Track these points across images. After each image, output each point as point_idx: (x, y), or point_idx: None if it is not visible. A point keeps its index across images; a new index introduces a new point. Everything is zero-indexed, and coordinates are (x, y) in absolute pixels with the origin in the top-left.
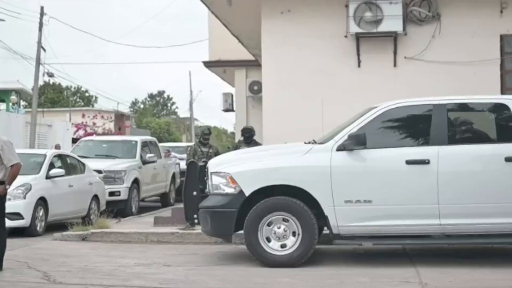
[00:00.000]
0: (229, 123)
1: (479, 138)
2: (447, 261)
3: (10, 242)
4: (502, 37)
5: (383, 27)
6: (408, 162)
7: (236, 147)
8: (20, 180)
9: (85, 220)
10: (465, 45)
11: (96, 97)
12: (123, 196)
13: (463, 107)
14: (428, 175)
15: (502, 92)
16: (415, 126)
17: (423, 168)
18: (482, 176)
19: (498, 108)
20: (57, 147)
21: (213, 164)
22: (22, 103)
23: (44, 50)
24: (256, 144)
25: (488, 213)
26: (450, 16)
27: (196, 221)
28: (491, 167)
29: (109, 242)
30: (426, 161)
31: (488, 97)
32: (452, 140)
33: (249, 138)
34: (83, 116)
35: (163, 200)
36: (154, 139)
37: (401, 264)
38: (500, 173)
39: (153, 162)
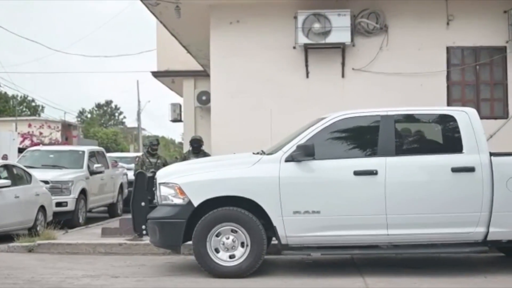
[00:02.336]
0: (177, 133)
1: (426, 149)
2: (395, 271)
3: None
4: (448, 49)
5: (331, 39)
6: (356, 173)
7: (185, 157)
8: None
9: (32, 231)
10: (412, 56)
11: (43, 107)
12: (70, 206)
13: (411, 118)
14: (375, 186)
15: (449, 104)
16: (363, 137)
17: (371, 179)
18: (429, 187)
19: (445, 119)
20: (5, 157)
21: (162, 175)
22: None
23: None
24: (205, 154)
25: (435, 223)
26: (397, 28)
27: (144, 232)
28: (438, 178)
29: (56, 254)
30: (374, 171)
31: (435, 109)
32: (400, 151)
33: (197, 148)
34: (30, 125)
35: (111, 211)
36: (101, 149)
37: (349, 274)
38: (446, 184)
39: (101, 172)
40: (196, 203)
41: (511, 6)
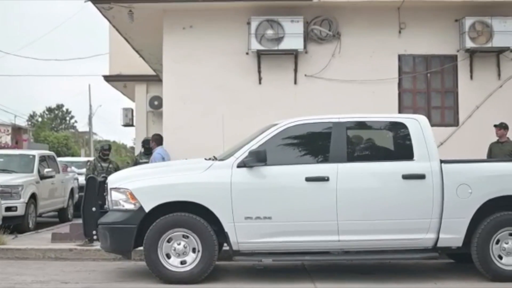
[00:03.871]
0: (128, 138)
1: (378, 155)
2: (346, 277)
3: None
4: (400, 57)
5: (284, 45)
6: (308, 179)
7: (136, 160)
8: None
9: None
10: (364, 64)
11: None
12: (20, 211)
13: (362, 125)
14: (327, 192)
15: (400, 111)
16: (315, 143)
17: (322, 185)
18: (380, 193)
19: (396, 126)
20: None
21: (113, 180)
22: None
23: None
24: None
25: (386, 229)
26: (350, 35)
27: (95, 237)
28: (389, 184)
29: (5, 259)
30: (326, 178)
31: (386, 116)
32: (351, 157)
33: (150, 149)
34: None
35: (61, 216)
36: (52, 153)
37: (300, 280)
38: (397, 190)
39: (51, 177)
40: (147, 208)
41: (462, 15)
